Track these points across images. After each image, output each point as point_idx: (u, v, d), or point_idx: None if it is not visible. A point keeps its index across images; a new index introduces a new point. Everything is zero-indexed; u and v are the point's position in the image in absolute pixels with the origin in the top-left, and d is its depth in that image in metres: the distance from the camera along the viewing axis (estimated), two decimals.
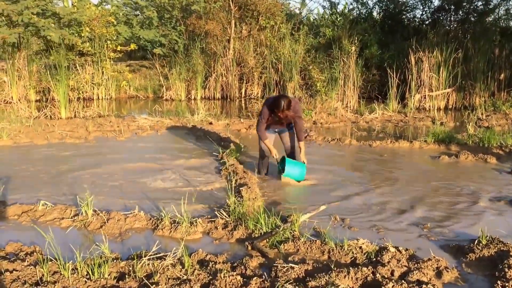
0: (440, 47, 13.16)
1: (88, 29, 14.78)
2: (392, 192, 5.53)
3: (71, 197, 5.18)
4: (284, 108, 5.48)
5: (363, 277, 3.19)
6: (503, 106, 12.32)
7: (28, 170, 6.41)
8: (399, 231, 4.33)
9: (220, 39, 15.91)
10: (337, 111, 11.67)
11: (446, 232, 4.29)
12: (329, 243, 3.80)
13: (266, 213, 4.33)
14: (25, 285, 3.08)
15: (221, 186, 5.70)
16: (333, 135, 9.32)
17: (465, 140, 8.29)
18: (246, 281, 3.12)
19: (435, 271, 3.38)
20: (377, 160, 7.24)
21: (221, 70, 15.81)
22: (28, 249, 3.77)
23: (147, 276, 3.27)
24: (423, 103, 13.49)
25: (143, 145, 8.30)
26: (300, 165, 5.93)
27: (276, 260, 3.58)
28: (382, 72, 14.26)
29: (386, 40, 15.33)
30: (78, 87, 14.40)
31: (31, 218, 4.57)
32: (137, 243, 4.01)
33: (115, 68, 15.92)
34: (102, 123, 10.11)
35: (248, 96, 16.06)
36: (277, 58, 14.89)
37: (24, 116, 10.54)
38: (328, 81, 12.67)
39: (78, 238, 4.16)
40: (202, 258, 3.60)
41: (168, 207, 4.66)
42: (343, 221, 4.53)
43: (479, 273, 3.46)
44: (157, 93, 16.46)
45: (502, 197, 5.31)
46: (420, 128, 10.52)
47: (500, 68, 14.18)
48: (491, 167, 6.70)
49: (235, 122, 10.54)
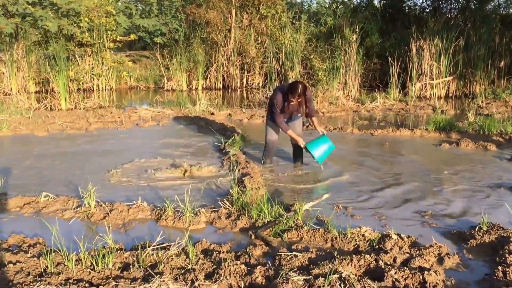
0: (440, 35, 13.12)
1: (87, 19, 14.70)
2: (394, 180, 5.54)
3: (73, 188, 5.19)
4: (301, 92, 5.49)
5: (366, 264, 3.21)
6: (503, 94, 12.32)
7: (29, 162, 6.42)
8: (401, 218, 4.35)
9: (220, 29, 15.86)
10: (338, 100, 11.67)
11: (447, 219, 4.31)
12: (332, 231, 3.82)
13: (270, 202, 4.34)
14: (29, 276, 3.09)
15: (223, 176, 5.71)
16: (335, 124, 9.32)
17: (465, 128, 8.31)
18: (250, 270, 3.14)
19: (437, 258, 3.40)
20: (378, 148, 7.25)
21: (222, 60, 15.78)
22: (31, 241, 3.78)
23: (151, 266, 3.28)
24: (424, 91, 13.49)
25: (145, 136, 8.31)
26: (321, 140, 5.85)
27: (279, 248, 3.60)
28: (383, 60, 14.24)
29: (387, 28, 15.29)
30: (78, 78, 14.36)
31: (33, 210, 4.58)
32: (141, 234, 4.03)
33: (115, 59, 15.87)
34: (103, 114, 10.10)
35: (250, 86, 16.04)
36: (278, 47, 14.85)
37: (24, 108, 10.52)
38: (330, 70, 12.64)
39: (81, 229, 4.17)
40: (206, 248, 3.61)
41: (171, 198, 4.67)
42: (346, 210, 4.55)
43: (480, 258, 3.48)
44: (158, 84, 16.44)
45: (502, 183, 5.32)
46: (421, 116, 10.52)
47: (500, 55, 14.16)
48: (491, 154, 6.72)
49: (237, 112, 10.53)
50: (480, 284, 3.08)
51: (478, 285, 3.07)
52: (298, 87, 5.48)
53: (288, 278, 2.95)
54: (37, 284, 2.93)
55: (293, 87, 5.52)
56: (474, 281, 3.12)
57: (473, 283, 3.09)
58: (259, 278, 3.05)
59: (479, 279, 3.14)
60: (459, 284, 3.04)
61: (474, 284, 3.08)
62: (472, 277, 3.19)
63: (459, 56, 13.33)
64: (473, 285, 3.06)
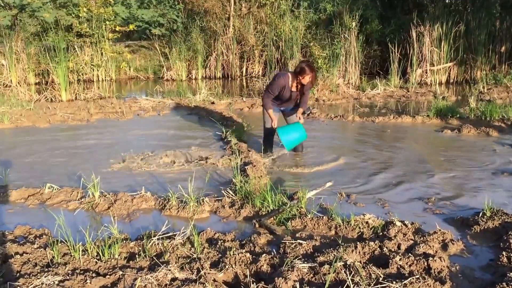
0: (440, 21, 13.05)
1: (85, 9, 14.62)
2: (397, 168, 5.55)
3: (77, 179, 5.20)
4: (308, 71, 5.57)
5: (371, 251, 3.23)
6: (504, 79, 12.28)
7: (32, 154, 6.42)
8: (404, 205, 4.37)
9: (219, 17, 15.78)
10: (339, 88, 11.64)
11: (450, 205, 4.33)
12: (336, 219, 3.83)
13: (273, 191, 4.35)
14: (36, 267, 3.10)
15: (226, 165, 5.72)
16: (336, 112, 9.31)
17: (467, 114, 8.30)
18: (255, 258, 3.16)
19: (441, 244, 3.42)
20: (380, 136, 7.26)
21: (221, 49, 15.71)
22: (37, 232, 3.80)
23: (157, 255, 3.30)
24: (425, 77, 13.47)
25: (146, 126, 8.31)
26: (294, 127, 5.81)
27: (284, 236, 3.61)
28: (383, 47, 14.18)
29: (386, 14, 15.19)
30: (77, 69, 14.32)
31: (38, 201, 4.60)
32: (145, 224, 4.05)
33: (114, 49, 15.81)
34: (104, 105, 10.10)
35: (249, 74, 15.99)
36: (277, 35, 14.79)
37: (25, 100, 10.50)
38: (330, 57, 12.59)
39: (86, 220, 4.19)
40: (210, 237, 3.63)
41: (175, 187, 4.68)
42: (349, 197, 4.56)
43: (484, 244, 3.50)
44: (157, 74, 16.40)
45: (505, 169, 5.33)
46: (422, 103, 10.50)
47: (501, 41, 14.10)
48: (493, 140, 6.71)
49: (237, 101, 10.52)
50: (485, 269, 3.10)
51: (483, 271, 3.09)
52: (305, 68, 5.57)
53: (293, 266, 2.97)
54: (44, 275, 2.95)
55: (301, 69, 5.60)
56: (478, 267, 3.14)
57: (478, 269, 3.11)
58: (264, 266, 3.07)
59: (484, 265, 3.16)
60: (464, 270, 3.06)
61: (479, 270, 3.10)
62: (477, 262, 3.21)
63: (459, 41, 13.27)
64: (478, 271, 3.08)
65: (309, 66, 5.64)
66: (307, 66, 5.61)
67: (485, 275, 3.02)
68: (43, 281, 2.87)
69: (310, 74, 5.59)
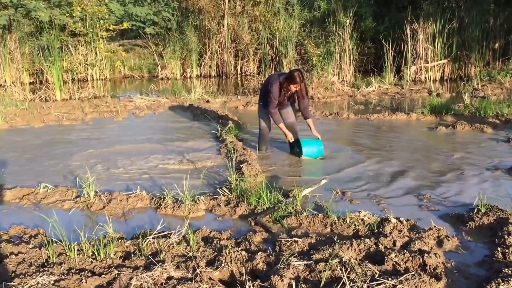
0: (434, 18, 13.08)
1: (79, 8, 14.56)
2: (392, 165, 5.56)
3: (72, 179, 5.19)
4: (300, 80, 5.55)
5: (366, 248, 3.24)
6: (498, 76, 12.30)
7: (27, 153, 6.40)
8: (399, 202, 4.38)
9: (213, 16, 15.74)
10: (333, 86, 11.64)
11: (445, 201, 4.34)
12: (331, 217, 3.84)
13: (268, 189, 4.35)
14: (31, 267, 3.09)
15: (221, 163, 5.72)
16: (331, 109, 9.32)
17: (461, 111, 8.33)
18: (251, 256, 3.16)
19: (436, 240, 3.43)
20: (375, 133, 7.27)
21: (216, 47, 15.69)
22: (32, 232, 3.79)
23: (152, 254, 3.29)
24: (419, 74, 13.50)
25: (141, 125, 8.29)
26: (316, 142, 5.92)
27: (279, 234, 3.62)
28: (378, 44, 14.19)
29: (380, 12, 15.20)
30: (72, 68, 14.27)
31: (32, 201, 4.58)
32: (141, 223, 4.04)
33: (108, 48, 15.76)
34: (98, 104, 10.06)
35: (244, 73, 15.98)
36: (272, 33, 14.77)
37: (19, 99, 10.44)
38: (324, 55, 12.59)
39: (81, 219, 4.18)
40: (206, 235, 3.63)
41: (170, 186, 4.67)
42: (344, 194, 4.57)
43: (479, 240, 3.52)
44: (152, 72, 16.37)
45: (500, 165, 5.35)
46: (416, 100, 10.53)
47: (494, 37, 14.12)
48: (488, 137, 6.74)
49: (232, 100, 10.51)
50: (480, 265, 3.11)
51: (478, 267, 3.10)
52: (297, 77, 5.54)
53: (289, 264, 2.97)
54: (39, 275, 2.94)
55: (292, 77, 5.56)
56: (474, 263, 3.15)
57: (473, 265, 3.12)
58: (260, 264, 3.07)
59: (479, 261, 3.17)
60: (459, 266, 3.07)
61: (474, 266, 3.11)
62: (472, 258, 3.22)
63: (453, 38, 13.31)
64: (473, 267, 3.10)
65: (300, 76, 5.57)
66: (298, 75, 5.56)
67: (480, 271, 3.03)
68: (39, 281, 2.86)
69: (298, 84, 5.58)
